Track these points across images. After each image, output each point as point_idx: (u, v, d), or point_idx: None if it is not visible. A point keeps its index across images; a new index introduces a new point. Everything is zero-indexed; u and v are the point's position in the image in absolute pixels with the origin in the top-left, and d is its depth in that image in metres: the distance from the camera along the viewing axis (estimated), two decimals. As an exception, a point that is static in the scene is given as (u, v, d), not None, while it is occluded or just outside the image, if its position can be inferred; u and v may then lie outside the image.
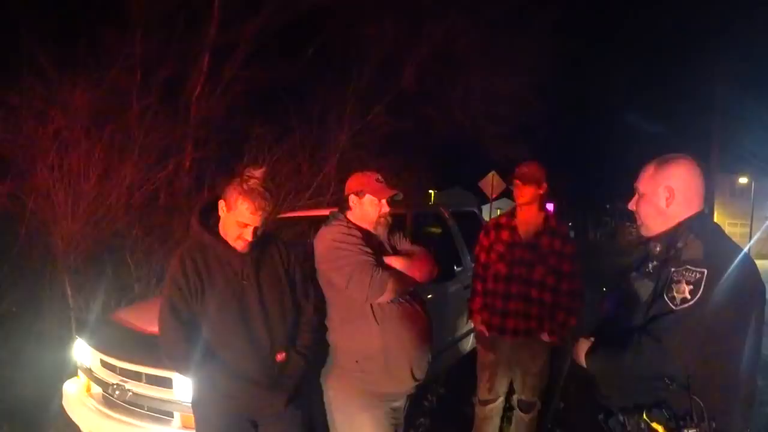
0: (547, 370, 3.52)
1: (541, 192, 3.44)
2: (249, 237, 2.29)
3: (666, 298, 1.80)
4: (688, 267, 1.79)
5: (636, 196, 2.07)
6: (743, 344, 1.82)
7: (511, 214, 3.55)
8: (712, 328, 1.76)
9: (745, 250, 1.86)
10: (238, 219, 2.26)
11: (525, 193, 3.40)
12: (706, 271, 1.76)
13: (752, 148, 29.38)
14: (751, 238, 33.28)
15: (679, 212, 1.95)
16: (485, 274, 3.55)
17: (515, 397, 3.63)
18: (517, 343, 3.42)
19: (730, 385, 1.84)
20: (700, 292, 1.74)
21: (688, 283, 1.76)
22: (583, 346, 2.10)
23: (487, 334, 3.51)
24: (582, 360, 2.09)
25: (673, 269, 1.82)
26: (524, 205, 3.45)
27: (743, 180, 37.16)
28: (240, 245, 2.31)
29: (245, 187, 2.25)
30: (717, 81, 26.99)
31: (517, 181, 3.43)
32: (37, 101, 7.20)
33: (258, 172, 2.29)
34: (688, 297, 1.75)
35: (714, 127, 28.12)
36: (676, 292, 1.78)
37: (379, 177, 2.71)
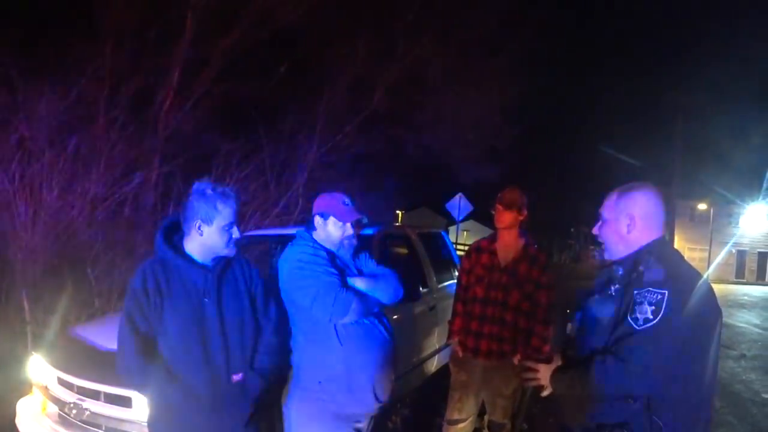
0: (519, 393, 3.57)
1: (522, 218, 3.49)
2: (238, 234, 2.36)
3: (629, 320, 1.85)
4: (650, 289, 1.84)
5: (600, 222, 2.14)
6: (705, 366, 1.88)
7: (493, 238, 3.61)
8: (675, 349, 1.81)
9: (706, 275, 1.94)
10: (223, 223, 2.30)
11: (505, 218, 3.46)
12: (667, 293, 1.82)
13: (712, 175, 30.32)
14: (709, 262, 34.25)
15: (639, 238, 2.02)
16: (465, 296, 3.60)
17: (486, 418, 3.66)
18: (490, 365, 3.45)
19: (692, 406, 1.90)
20: (662, 312, 1.79)
21: (650, 304, 1.82)
22: (548, 369, 2.14)
23: (461, 354, 3.55)
24: (546, 382, 2.13)
25: (635, 291, 1.88)
26: (504, 230, 3.50)
27: (702, 206, 38.32)
28: (232, 249, 2.37)
29: (211, 193, 2.30)
30: (679, 110, 27.87)
31: (498, 206, 3.47)
32: (2, 109, 7.06)
33: (205, 181, 2.36)
34: (651, 317, 1.80)
35: (675, 155, 28.96)
36: (639, 313, 1.83)
37: (346, 200, 2.72)
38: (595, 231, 2.18)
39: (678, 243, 33.45)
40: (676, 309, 1.80)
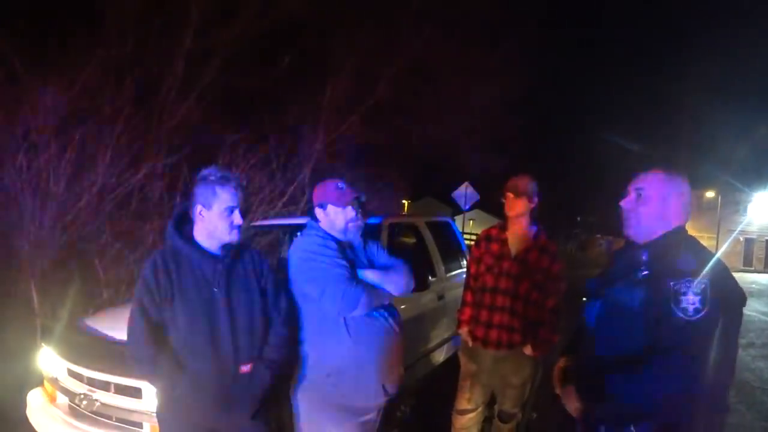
0: (529, 383, 3.53)
1: (533, 206, 3.43)
2: (240, 219, 2.34)
3: (678, 312, 1.78)
4: (689, 279, 1.80)
5: (634, 195, 2.05)
6: (732, 354, 1.85)
7: (503, 227, 3.55)
8: (715, 338, 1.77)
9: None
10: (223, 207, 2.30)
11: (516, 206, 3.40)
12: (708, 281, 1.78)
13: (720, 163, 30.19)
14: (717, 250, 34.17)
15: (672, 222, 1.98)
16: (475, 286, 3.56)
17: (496, 407, 3.64)
18: (500, 355, 3.41)
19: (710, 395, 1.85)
20: (709, 300, 1.76)
21: (695, 294, 1.77)
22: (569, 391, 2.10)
23: (470, 344, 3.53)
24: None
25: (671, 282, 1.82)
26: (514, 219, 3.45)
27: (710, 194, 38.19)
28: (234, 235, 2.35)
29: (213, 178, 2.31)
30: (687, 99, 27.70)
31: (509, 194, 3.42)
32: (7, 101, 7.05)
33: (212, 167, 2.36)
34: (700, 307, 1.76)
35: (683, 143, 28.85)
36: (687, 304, 1.77)
37: (339, 183, 2.67)
38: (626, 204, 2.06)
39: (685, 231, 33.34)
40: (717, 297, 1.77)
